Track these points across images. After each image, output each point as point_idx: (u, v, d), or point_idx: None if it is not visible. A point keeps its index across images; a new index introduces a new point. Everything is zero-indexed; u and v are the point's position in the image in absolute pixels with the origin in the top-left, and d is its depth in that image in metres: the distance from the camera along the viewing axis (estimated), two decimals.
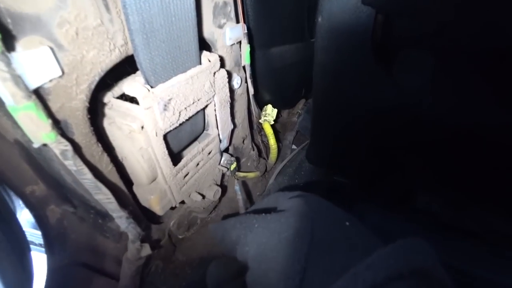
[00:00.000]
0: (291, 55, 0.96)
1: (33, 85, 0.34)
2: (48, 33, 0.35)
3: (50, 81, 0.36)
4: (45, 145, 0.38)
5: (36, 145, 0.37)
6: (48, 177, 0.49)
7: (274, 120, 0.96)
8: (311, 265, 0.39)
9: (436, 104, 0.54)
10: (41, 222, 0.52)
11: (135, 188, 0.57)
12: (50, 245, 0.54)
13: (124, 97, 0.50)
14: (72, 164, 0.39)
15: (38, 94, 0.36)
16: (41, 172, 0.48)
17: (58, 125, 0.39)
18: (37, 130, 0.36)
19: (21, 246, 0.56)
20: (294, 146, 1.14)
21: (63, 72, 0.37)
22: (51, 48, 0.35)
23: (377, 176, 0.83)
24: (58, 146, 0.38)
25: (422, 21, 0.48)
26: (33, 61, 0.34)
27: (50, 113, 0.38)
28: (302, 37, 1.02)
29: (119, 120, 0.48)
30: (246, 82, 0.76)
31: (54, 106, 0.38)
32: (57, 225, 0.53)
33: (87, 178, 0.41)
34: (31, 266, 0.59)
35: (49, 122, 0.36)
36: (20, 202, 0.50)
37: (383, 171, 0.81)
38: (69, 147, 0.38)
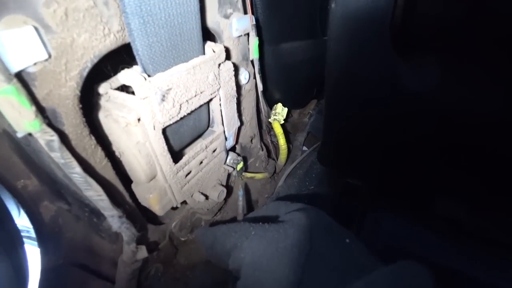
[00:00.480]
0: (302, 52, 0.92)
1: (15, 68, 0.32)
2: (33, 12, 0.32)
3: (35, 64, 0.33)
4: (30, 135, 0.35)
5: (20, 134, 0.34)
6: (40, 171, 0.46)
7: (284, 120, 0.92)
8: (307, 277, 0.38)
9: (462, 98, 0.49)
10: (34, 219, 0.49)
11: (134, 187, 0.53)
12: (44, 244, 0.51)
13: (124, 90, 0.47)
14: (59, 156, 0.36)
15: (22, 79, 0.33)
16: (33, 165, 0.45)
17: (44, 114, 0.36)
18: (20, 118, 0.33)
19: (12, 240, 0.53)
20: (305, 148, 1.09)
21: (50, 56, 0.34)
22: (36, 29, 0.32)
23: (394, 179, 0.78)
24: (43, 136, 0.34)
25: (450, 3, 0.43)
26: (15, 41, 0.31)
27: (35, 100, 0.35)
28: (314, 34, 0.97)
29: (115, 112, 0.44)
30: (255, 77, 0.73)
31: (40, 92, 0.35)
32: (51, 223, 0.51)
33: (76, 172, 0.38)
34: (25, 262, 0.57)
35: (32, 109, 0.33)
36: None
37: (400, 173, 0.75)
38: (55, 137, 0.35)
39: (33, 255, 0.58)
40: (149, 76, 0.43)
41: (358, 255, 0.42)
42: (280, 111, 0.91)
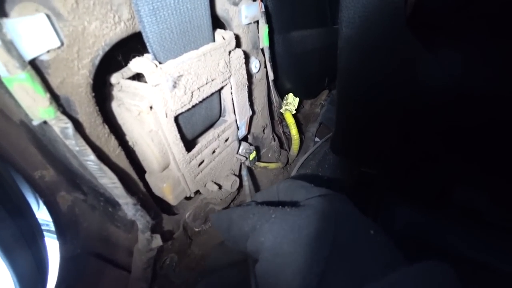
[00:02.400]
0: (312, 41, 0.90)
1: (29, 55, 0.32)
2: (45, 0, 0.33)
3: (48, 52, 0.34)
4: (45, 123, 0.35)
5: (35, 122, 0.35)
6: (56, 162, 0.47)
7: (296, 111, 0.91)
8: (330, 269, 0.36)
9: (486, 81, 0.47)
10: (51, 209, 0.50)
11: (147, 176, 0.54)
12: (61, 233, 0.52)
13: (137, 80, 0.47)
14: (74, 144, 0.36)
15: (36, 67, 0.33)
16: (49, 156, 0.46)
17: (59, 102, 0.36)
18: (34, 105, 0.33)
19: (33, 233, 0.55)
20: (317, 139, 1.08)
21: (62, 43, 0.35)
22: (49, 16, 0.33)
23: (410, 168, 0.76)
24: (58, 124, 0.35)
25: None
26: (28, 28, 0.31)
27: (49, 88, 0.35)
28: (324, 22, 0.96)
29: (128, 101, 0.45)
30: (265, 66, 0.72)
31: (54, 81, 0.35)
32: (68, 213, 0.51)
33: (90, 159, 0.38)
34: (45, 253, 0.59)
35: (47, 96, 0.33)
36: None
37: (417, 161, 0.73)
38: (69, 124, 0.35)
39: (52, 247, 0.59)
40: (160, 63, 0.43)
41: (383, 249, 0.40)
42: (291, 101, 0.90)
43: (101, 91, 0.45)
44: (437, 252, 0.75)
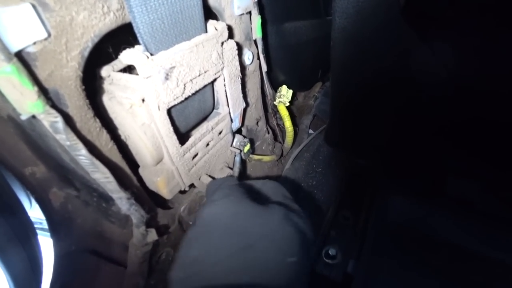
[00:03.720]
0: (306, 32, 0.90)
1: (15, 47, 0.31)
2: None
3: (35, 44, 0.33)
4: (34, 117, 0.34)
5: (23, 116, 0.34)
6: (47, 157, 0.45)
7: (289, 103, 0.91)
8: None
9: (479, 74, 0.47)
10: (44, 206, 0.49)
11: (141, 171, 0.53)
12: (55, 230, 0.51)
13: (127, 73, 0.46)
14: (65, 138, 0.36)
15: (23, 60, 0.32)
16: (40, 151, 0.45)
17: (47, 95, 0.35)
18: (22, 99, 0.32)
19: (26, 232, 0.54)
20: (311, 131, 1.08)
21: (49, 35, 0.33)
22: (34, 6, 0.31)
23: (404, 159, 0.77)
24: (47, 118, 0.34)
25: None
26: (13, 19, 0.30)
27: (37, 81, 0.34)
28: (318, 14, 0.95)
29: (119, 94, 0.44)
30: (259, 58, 0.71)
31: (42, 73, 0.34)
32: (61, 210, 0.51)
33: (81, 154, 0.37)
34: (39, 251, 0.58)
35: (35, 89, 0.32)
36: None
37: (411, 153, 0.74)
38: (59, 118, 0.34)
39: (46, 245, 0.59)
40: (151, 55, 0.42)
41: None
42: (285, 93, 0.90)
43: (92, 84, 0.44)
44: (430, 241, 0.76)
